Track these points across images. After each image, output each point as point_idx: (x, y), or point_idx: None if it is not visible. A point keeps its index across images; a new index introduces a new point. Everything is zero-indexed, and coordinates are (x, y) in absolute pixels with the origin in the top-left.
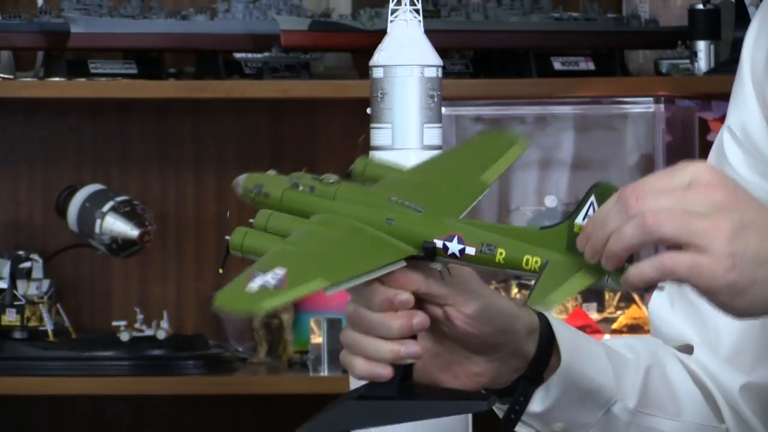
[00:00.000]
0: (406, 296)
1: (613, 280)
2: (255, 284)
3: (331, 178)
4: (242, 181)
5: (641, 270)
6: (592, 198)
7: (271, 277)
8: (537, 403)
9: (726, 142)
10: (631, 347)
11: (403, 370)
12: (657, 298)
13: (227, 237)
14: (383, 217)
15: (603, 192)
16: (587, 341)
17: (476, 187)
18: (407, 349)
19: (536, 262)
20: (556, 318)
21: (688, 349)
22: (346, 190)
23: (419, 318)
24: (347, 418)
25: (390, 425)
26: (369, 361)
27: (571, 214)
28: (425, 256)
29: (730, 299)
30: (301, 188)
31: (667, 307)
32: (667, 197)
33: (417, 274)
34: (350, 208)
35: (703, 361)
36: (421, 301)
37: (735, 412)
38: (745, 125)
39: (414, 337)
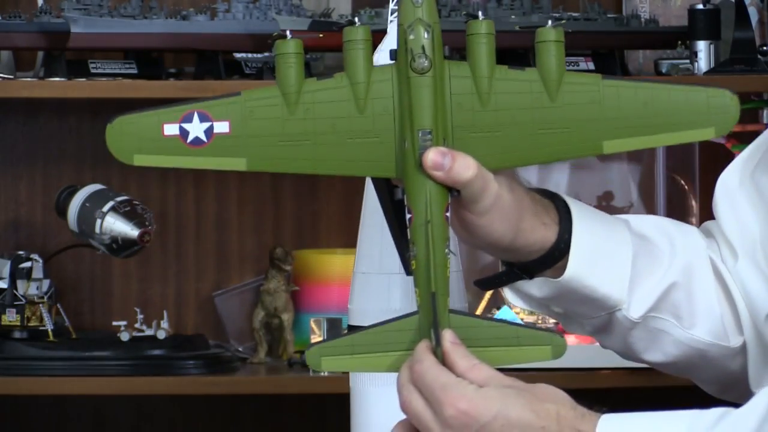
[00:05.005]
0: None
1: None
2: (174, 129)
3: (425, 62)
4: None
5: None
6: None
7: (201, 129)
8: (535, 289)
9: None
10: (671, 240)
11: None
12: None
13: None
14: (405, 137)
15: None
16: (612, 248)
17: (590, 147)
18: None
19: (418, 296)
20: (590, 219)
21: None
22: (418, 86)
23: None
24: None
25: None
26: None
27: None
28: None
29: None
30: (407, 43)
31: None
32: (416, 405)
33: None
34: (403, 105)
35: (743, 275)
36: None
37: (758, 332)
38: None
39: None
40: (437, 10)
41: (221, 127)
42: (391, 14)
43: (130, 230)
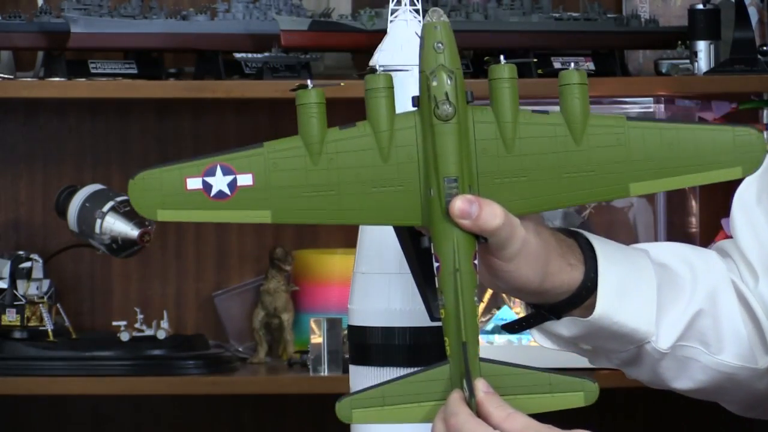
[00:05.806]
0: None
1: None
2: (197, 183)
3: (449, 108)
4: (428, 19)
5: None
6: None
7: (224, 182)
8: (564, 329)
9: None
10: (692, 267)
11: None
12: (739, 213)
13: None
14: (430, 185)
15: None
16: (637, 282)
17: (616, 191)
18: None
19: (448, 345)
20: (614, 255)
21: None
22: (442, 134)
23: None
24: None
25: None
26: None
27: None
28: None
29: None
30: (430, 90)
31: (748, 230)
32: None
33: None
34: (427, 152)
35: (765, 295)
36: None
37: None
38: None
39: None
40: (458, 54)
41: (244, 179)
42: (391, 14)
43: (130, 230)
